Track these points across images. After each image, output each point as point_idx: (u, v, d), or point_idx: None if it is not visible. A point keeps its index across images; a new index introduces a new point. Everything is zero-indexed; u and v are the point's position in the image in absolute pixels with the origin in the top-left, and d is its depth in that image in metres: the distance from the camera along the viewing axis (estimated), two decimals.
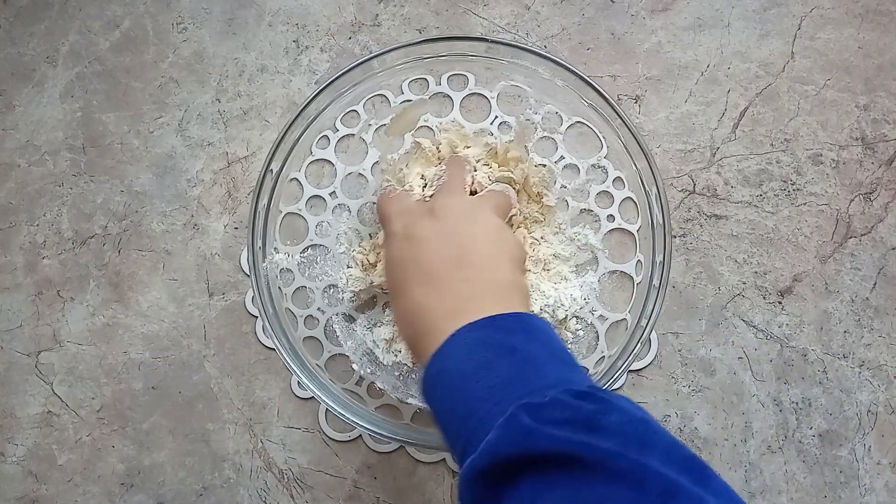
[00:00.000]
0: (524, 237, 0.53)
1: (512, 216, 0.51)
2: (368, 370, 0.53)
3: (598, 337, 0.54)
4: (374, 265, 0.54)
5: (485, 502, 0.31)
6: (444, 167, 0.50)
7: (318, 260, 0.55)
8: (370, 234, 0.55)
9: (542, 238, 0.54)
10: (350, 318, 0.54)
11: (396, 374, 0.52)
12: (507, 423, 0.32)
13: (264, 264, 0.50)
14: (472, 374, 0.35)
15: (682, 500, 0.27)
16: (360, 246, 0.55)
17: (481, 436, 0.32)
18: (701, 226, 0.58)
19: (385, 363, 0.52)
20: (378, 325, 0.54)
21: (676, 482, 0.28)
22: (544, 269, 0.54)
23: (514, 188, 0.51)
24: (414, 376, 0.52)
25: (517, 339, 0.37)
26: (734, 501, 0.28)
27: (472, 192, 0.49)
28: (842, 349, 0.56)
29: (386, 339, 0.53)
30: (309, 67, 0.61)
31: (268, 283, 0.50)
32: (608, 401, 0.32)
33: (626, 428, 0.30)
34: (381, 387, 0.52)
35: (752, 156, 0.59)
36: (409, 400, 0.52)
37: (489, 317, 0.38)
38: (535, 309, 0.51)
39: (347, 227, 0.55)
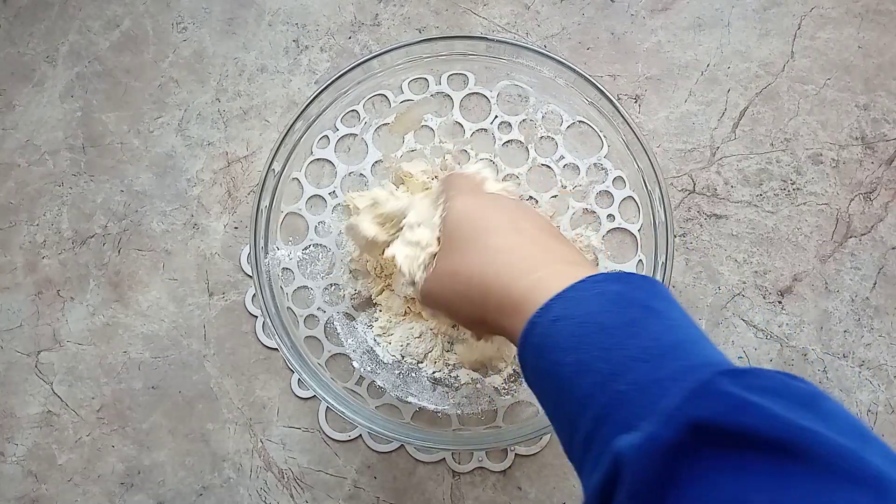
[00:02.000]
0: None
1: None
2: (369, 368, 0.53)
3: None
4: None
5: (661, 479, 0.25)
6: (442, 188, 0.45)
7: (319, 258, 0.55)
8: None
9: None
10: (350, 317, 0.54)
11: (396, 372, 0.52)
12: (706, 390, 0.26)
13: (266, 260, 0.50)
14: (617, 328, 0.30)
15: None
16: None
17: (647, 402, 0.27)
18: (701, 225, 0.58)
19: (385, 361, 0.52)
20: (377, 321, 0.54)
21: None
22: None
23: None
24: (414, 375, 0.52)
25: (659, 303, 0.31)
26: None
27: None
28: (842, 349, 0.56)
29: (382, 326, 0.53)
30: (309, 67, 0.61)
31: (269, 283, 0.50)
32: (811, 383, 0.27)
33: (846, 417, 0.25)
34: (382, 385, 0.52)
35: (751, 155, 0.59)
36: (410, 399, 0.52)
37: (622, 272, 0.33)
38: None
39: None
